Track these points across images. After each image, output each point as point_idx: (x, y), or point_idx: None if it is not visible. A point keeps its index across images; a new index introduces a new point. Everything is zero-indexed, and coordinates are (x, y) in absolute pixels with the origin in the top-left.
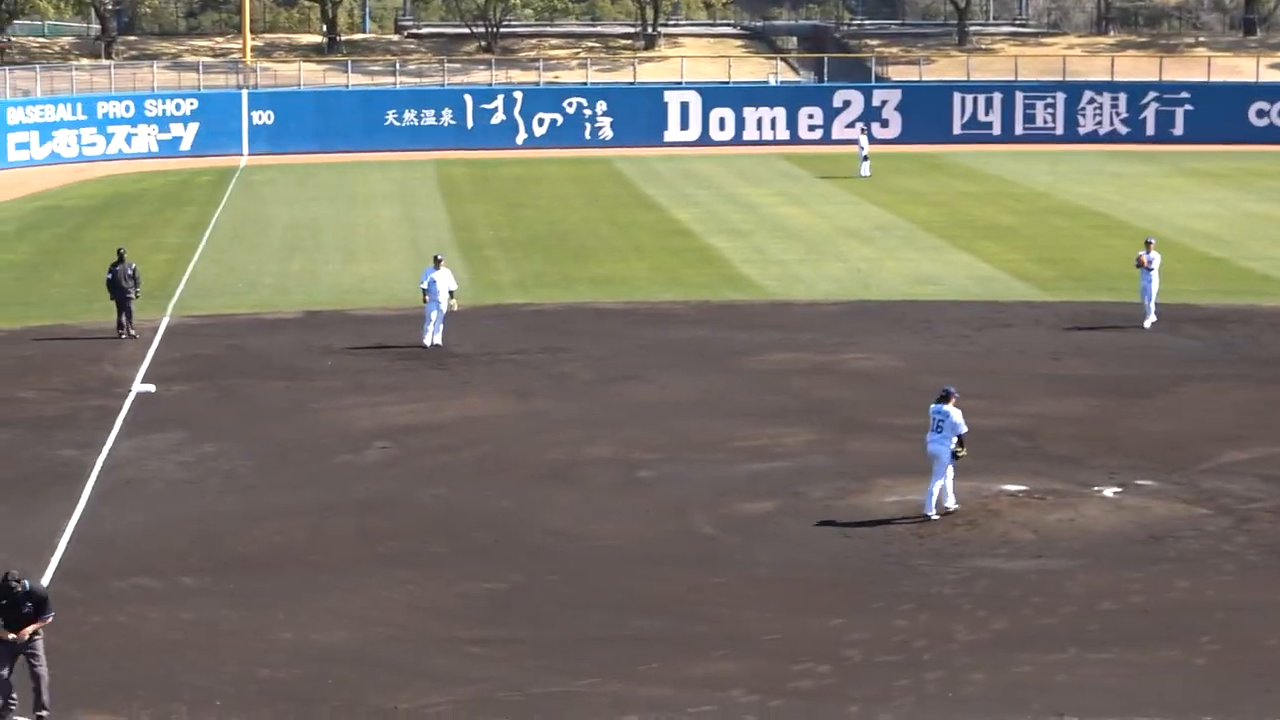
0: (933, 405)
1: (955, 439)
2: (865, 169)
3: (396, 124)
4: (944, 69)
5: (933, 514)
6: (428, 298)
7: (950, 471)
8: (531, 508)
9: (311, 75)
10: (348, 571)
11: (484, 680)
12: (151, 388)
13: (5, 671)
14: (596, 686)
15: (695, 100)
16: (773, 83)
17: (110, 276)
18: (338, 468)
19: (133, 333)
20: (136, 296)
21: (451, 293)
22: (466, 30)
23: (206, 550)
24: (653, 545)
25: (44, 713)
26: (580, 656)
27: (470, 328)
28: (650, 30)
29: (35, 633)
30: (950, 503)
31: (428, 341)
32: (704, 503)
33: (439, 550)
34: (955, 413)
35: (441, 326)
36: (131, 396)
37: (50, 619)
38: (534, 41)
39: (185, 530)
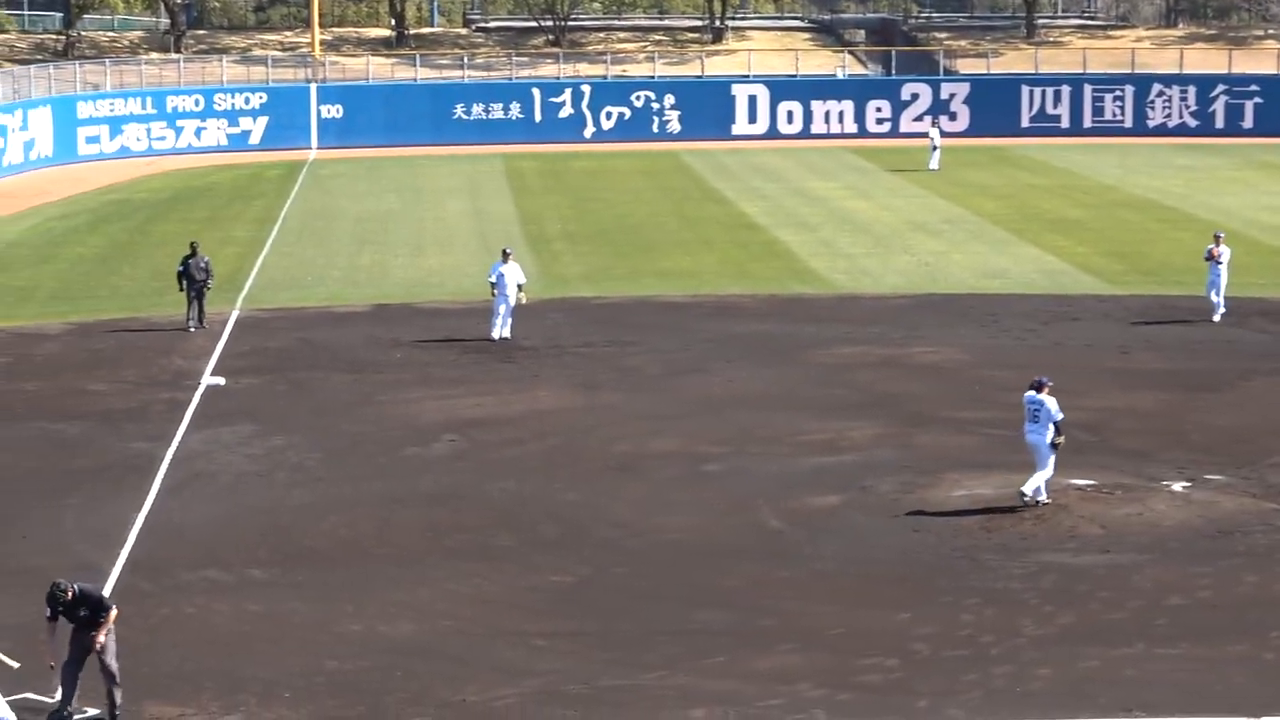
0: (1026, 395)
1: (1052, 427)
2: (934, 162)
3: (464, 118)
4: (1012, 62)
5: (1044, 498)
6: (496, 291)
7: (1051, 461)
8: (598, 501)
9: (380, 69)
10: (415, 564)
11: (551, 673)
12: (221, 380)
13: (76, 670)
14: (663, 679)
15: (763, 93)
16: (840, 76)
17: (182, 268)
18: (405, 461)
19: (203, 325)
20: (209, 289)
21: (520, 286)
22: (534, 24)
23: (275, 543)
24: (719, 539)
25: (118, 712)
26: (647, 649)
27: (538, 321)
28: (718, 23)
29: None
30: (1042, 496)
31: (495, 335)
32: (770, 496)
33: (506, 543)
34: (1050, 401)
35: (510, 320)
36: (201, 389)
37: (113, 614)
38: (601, 35)
39: (254, 523)
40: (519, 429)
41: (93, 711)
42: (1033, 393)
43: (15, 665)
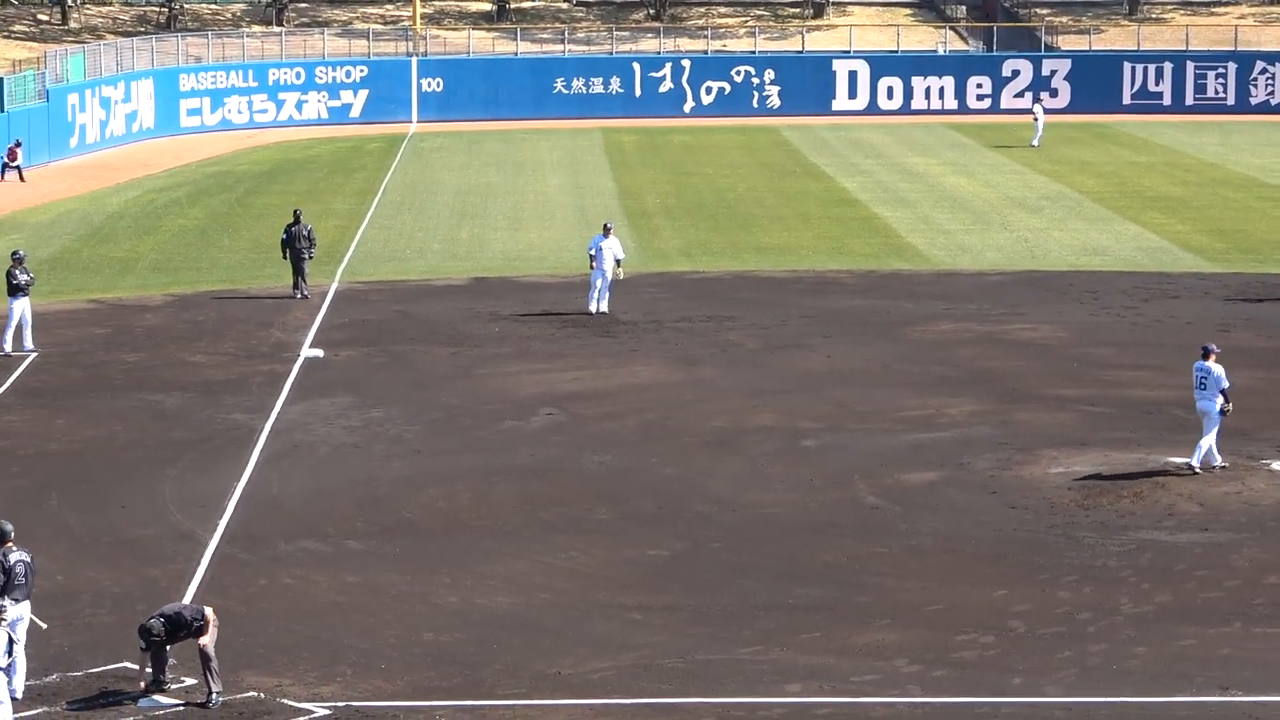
0: (1196, 363)
1: (1220, 394)
2: (1037, 139)
3: (565, 92)
4: (1114, 38)
5: (1197, 467)
6: (594, 264)
7: (1216, 428)
8: (696, 475)
9: (481, 43)
10: (512, 537)
11: (646, 646)
12: (320, 353)
13: (166, 649)
14: (759, 654)
15: (863, 69)
16: (941, 52)
17: (285, 236)
18: (503, 434)
19: (305, 293)
20: (311, 256)
21: (618, 261)
22: None
23: (372, 514)
24: (816, 514)
25: (215, 695)
26: (742, 624)
27: (636, 295)
28: None
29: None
30: (1215, 460)
31: (593, 308)
32: (867, 472)
33: (603, 517)
34: (1217, 368)
35: (608, 294)
36: (300, 361)
37: (211, 618)
38: (702, 10)
39: (351, 494)
40: (617, 403)
41: (190, 681)
42: (1201, 361)
43: (43, 626)
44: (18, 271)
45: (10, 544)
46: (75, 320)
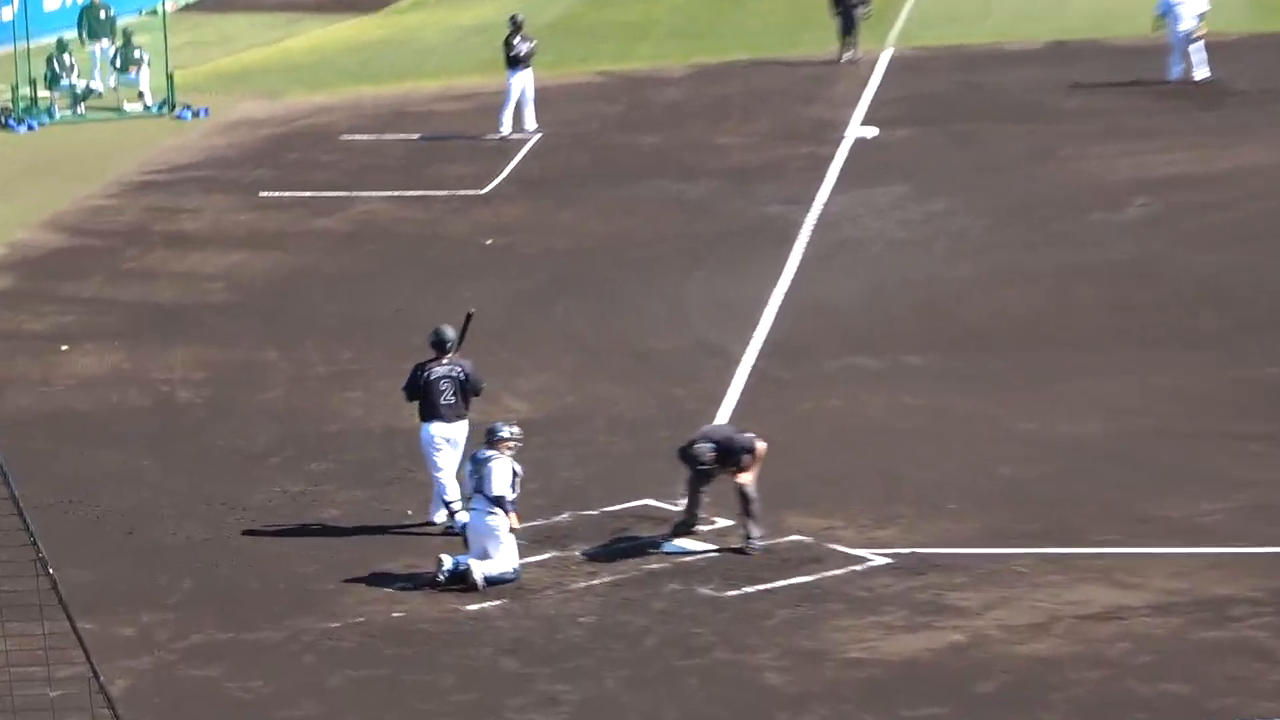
0: None
1: None
2: None
3: None
4: None
5: None
6: (1167, 24)
7: None
8: None
9: None
10: (1101, 351)
11: (1266, 484)
12: (871, 131)
13: (703, 490)
14: None
15: None
16: None
17: None
18: (1088, 227)
19: (855, 58)
20: (866, 16)
21: (1200, 16)
22: None
23: (934, 324)
24: None
25: (754, 540)
26: None
27: (1246, 60)
28: None
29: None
30: None
31: (1172, 76)
32: None
33: (1210, 327)
34: None
35: (1204, 57)
36: (848, 143)
37: (760, 451)
38: None
39: (909, 300)
40: (1223, 191)
41: (723, 522)
42: None
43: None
44: (518, 39)
45: (447, 356)
46: (581, 95)
